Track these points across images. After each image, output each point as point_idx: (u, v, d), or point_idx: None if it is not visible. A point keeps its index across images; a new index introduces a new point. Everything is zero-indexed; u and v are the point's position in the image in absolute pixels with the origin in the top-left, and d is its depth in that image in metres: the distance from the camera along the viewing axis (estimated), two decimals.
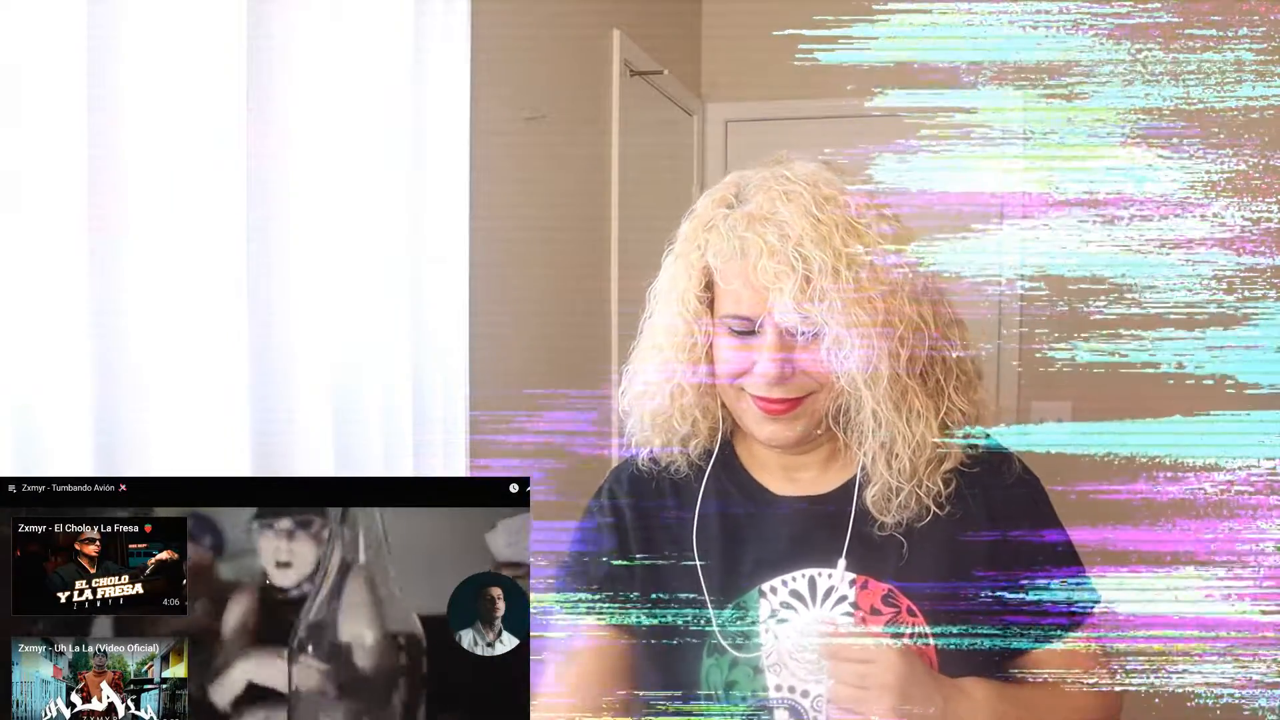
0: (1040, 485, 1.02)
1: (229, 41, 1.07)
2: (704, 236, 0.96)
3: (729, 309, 0.94)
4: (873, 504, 0.95)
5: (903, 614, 0.95)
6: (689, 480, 1.03)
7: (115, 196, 0.96)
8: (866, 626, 0.93)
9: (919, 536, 0.95)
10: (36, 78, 0.89)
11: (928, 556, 0.96)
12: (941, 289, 0.97)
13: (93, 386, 0.93)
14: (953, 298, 0.99)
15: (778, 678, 0.96)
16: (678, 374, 0.98)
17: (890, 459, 0.93)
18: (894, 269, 0.91)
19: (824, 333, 0.89)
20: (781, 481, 1.02)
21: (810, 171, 0.95)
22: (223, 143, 1.07)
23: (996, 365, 2.97)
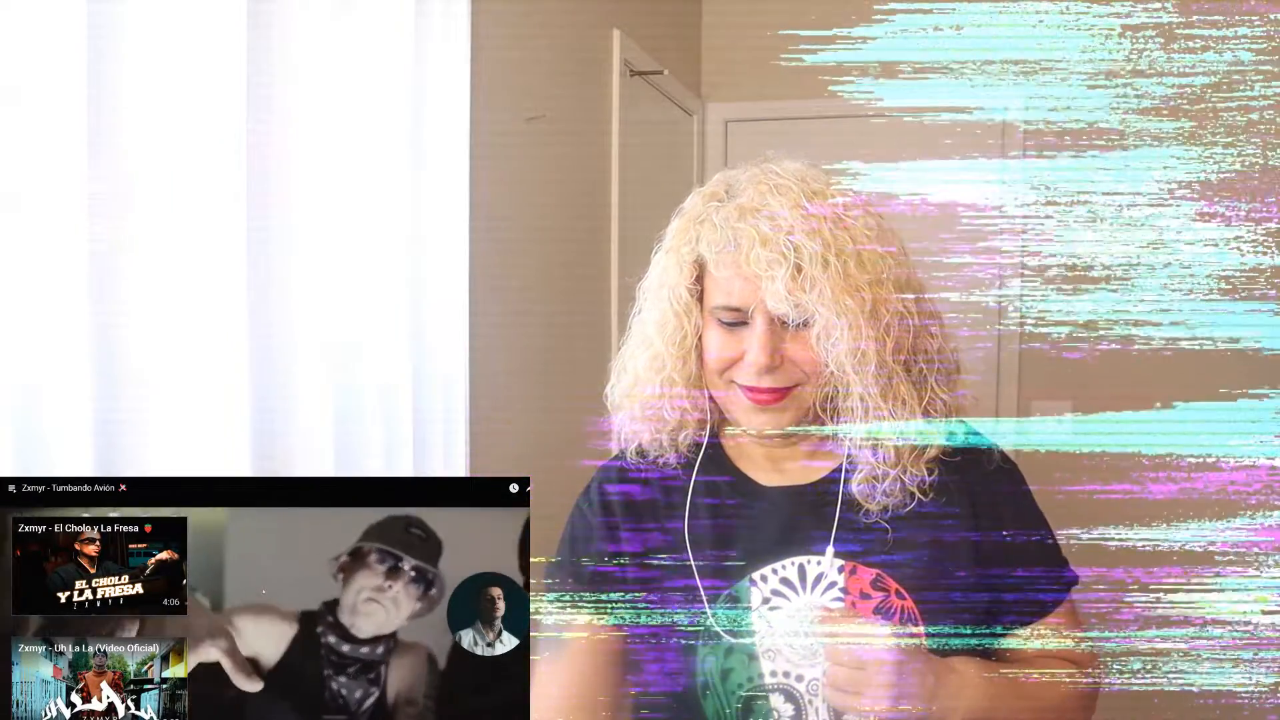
0: (1019, 473, 1.05)
1: (229, 40, 1.07)
2: (696, 230, 0.98)
3: (719, 300, 0.96)
4: (858, 491, 0.98)
5: (891, 597, 0.97)
6: (677, 472, 1.05)
7: (115, 196, 0.96)
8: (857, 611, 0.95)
9: (903, 523, 0.98)
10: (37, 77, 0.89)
11: (913, 541, 0.98)
12: (922, 281, 1.00)
13: (93, 386, 0.93)
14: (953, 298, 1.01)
15: (772, 664, 0.98)
16: (668, 366, 1.00)
17: (876, 446, 0.96)
18: (880, 260, 0.94)
19: (814, 321, 0.92)
20: (768, 473, 1.04)
21: (798, 168, 0.98)
22: (223, 143, 1.07)
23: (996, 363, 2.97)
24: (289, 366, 1.19)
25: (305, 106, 1.21)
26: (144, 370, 1.00)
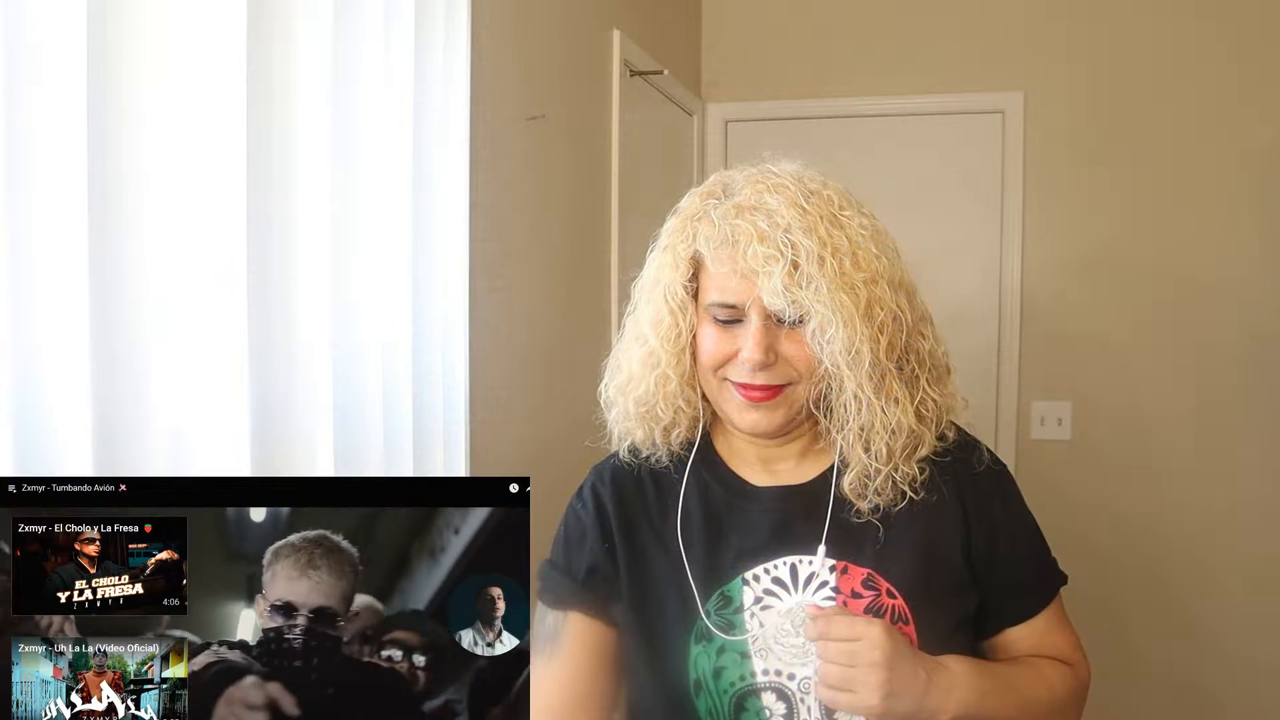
0: (1008, 472, 1.06)
1: (230, 39, 1.07)
2: (693, 227, 0.98)
3: (714, 297, 0.96)
4: (850, 490, 0.98)
5: (882, 596, 0.98)
6: (669, 472, 1.06)
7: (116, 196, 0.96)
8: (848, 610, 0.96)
9: (895, 521, 0.99)
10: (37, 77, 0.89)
11: (904, 541, 0.99)
12: (914, 283, 1.01)
13: (93, 386, 0.92)
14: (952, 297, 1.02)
15: (764, 662, 0.98)
16: (663, 363, 1.00)
17: (868, 443, 0.96)
18: (875, 259, 0.94)
19: (809, 318, 0.92)
20: (760, 473, 1.05)
21: (794, 168, 0.99)
22: (223, 143, 1.07)
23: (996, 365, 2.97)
24: (289, 366, 1.19)
25: (306, 106, 1.21)
26: (144, 370, 1.00)
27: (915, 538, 0.99)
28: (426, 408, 1.49)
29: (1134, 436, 2.90)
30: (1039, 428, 2.97)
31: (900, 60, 3.01)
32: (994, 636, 1.04)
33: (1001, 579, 1.02)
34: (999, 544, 1.02)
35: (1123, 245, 2.90)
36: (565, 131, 2.11)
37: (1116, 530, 2.90)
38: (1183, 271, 2.85)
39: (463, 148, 1.58)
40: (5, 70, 0.86)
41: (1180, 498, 2.87)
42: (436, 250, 1.53)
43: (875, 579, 0.98)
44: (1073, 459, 2.95)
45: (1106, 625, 2.79)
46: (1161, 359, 2.88)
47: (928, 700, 0.90)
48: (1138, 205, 2.88)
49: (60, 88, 0.90)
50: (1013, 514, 1.04)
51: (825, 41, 3.09)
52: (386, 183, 1.37)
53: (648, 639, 1.01)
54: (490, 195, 1.74)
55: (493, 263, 1.75)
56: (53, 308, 0.90)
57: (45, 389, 0.90)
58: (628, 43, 2.42)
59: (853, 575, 0.98)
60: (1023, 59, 2.95)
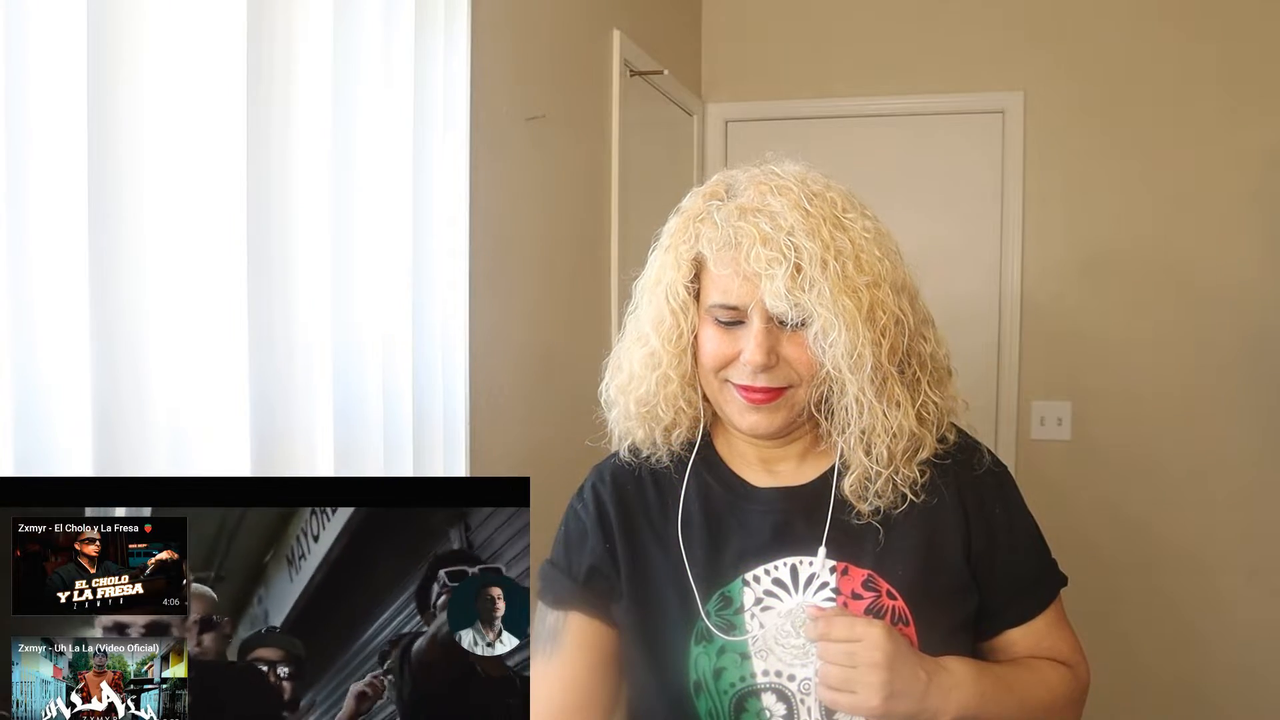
0: (1008, 474, 1.07)
1: (230, 39, 1.07)
2: (696, 228, 0.98)
3: (716, 299, 0.96)
4: (851, 492, 0.98)
5: (883, 597, 0.98)
6: (669, 472, 1.06)
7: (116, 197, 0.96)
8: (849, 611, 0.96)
9: (895, 523, 0.99)
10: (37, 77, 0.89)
11: (904, 542, 0.99)
12: (917, 286, 1.01)
13: (93, 386, 0.92)
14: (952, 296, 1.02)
15: (764, 663, 0.98)
16: (664, 363, 1.00)
17: (869, 446, 0.96)
18: (878, 262, 0.94)
19: (811, 321, 0.92)
20: (760, 475, 1.05)
21: (798, 170, 0.98)
22: (224, 143, 1.07)
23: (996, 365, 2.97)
24: (289, 366, 1.19)
25: (306, 106, 1.21)
26: (144, 370, 1.00)
27: (915, 539, 0.99)
28: (426, 407, 1.49)
29: (1134, 436, 2.90)
30: (1039, 427, 2.97)
31: (900, 60, 3.02)
32: (994, 638, 1.04)
33: (1001, 580, 1.02)
34: (999, 546, 1.02)
35: (1123, 245, 2.90)
36: (565, 131, 2.11)
37: (1116, 530, 2.90)
38: (1182, 271, 2.85)
39: (463, 148, 1.58)
40: (5, 70, 0.86)
41: (1179, 497, 2.87)
42: (436, 250, 1.53)
43: (875, 580, 0.98)
44: (1072, 459, 2.95)
45: (1106, 624, 2.79)
46: (1161, 359, 2.88)
47: (928, 701, 0.91)
48: (1138, 205, 2.88)
49: (60, 87, 0.90)
50: (1013, 516, 1.04)
51: (825, 41, 3.09)
52: (386, 182, 1.37)
53: (648, 639, 1.01)
54: (490, 195, 1.74)
55: (493, 262, 1.75)
56: (53, 307, 0.90)
57: (45, 389, 0.90)
58: (628, 43, 2.42)
59: (853, 576, 0.98)
60: (1023, 59, 2.95)
